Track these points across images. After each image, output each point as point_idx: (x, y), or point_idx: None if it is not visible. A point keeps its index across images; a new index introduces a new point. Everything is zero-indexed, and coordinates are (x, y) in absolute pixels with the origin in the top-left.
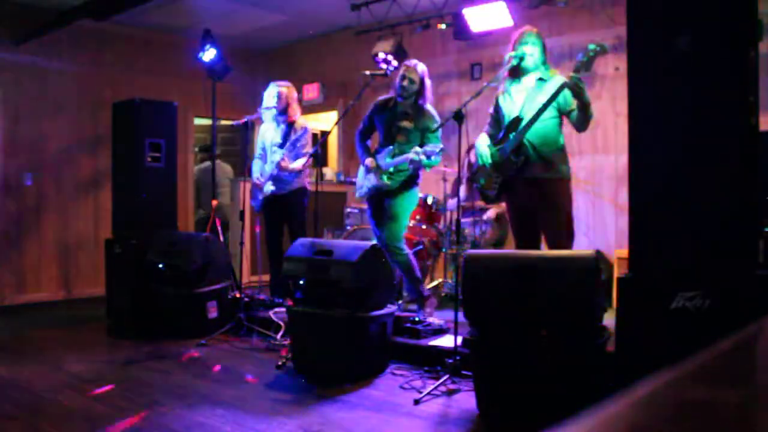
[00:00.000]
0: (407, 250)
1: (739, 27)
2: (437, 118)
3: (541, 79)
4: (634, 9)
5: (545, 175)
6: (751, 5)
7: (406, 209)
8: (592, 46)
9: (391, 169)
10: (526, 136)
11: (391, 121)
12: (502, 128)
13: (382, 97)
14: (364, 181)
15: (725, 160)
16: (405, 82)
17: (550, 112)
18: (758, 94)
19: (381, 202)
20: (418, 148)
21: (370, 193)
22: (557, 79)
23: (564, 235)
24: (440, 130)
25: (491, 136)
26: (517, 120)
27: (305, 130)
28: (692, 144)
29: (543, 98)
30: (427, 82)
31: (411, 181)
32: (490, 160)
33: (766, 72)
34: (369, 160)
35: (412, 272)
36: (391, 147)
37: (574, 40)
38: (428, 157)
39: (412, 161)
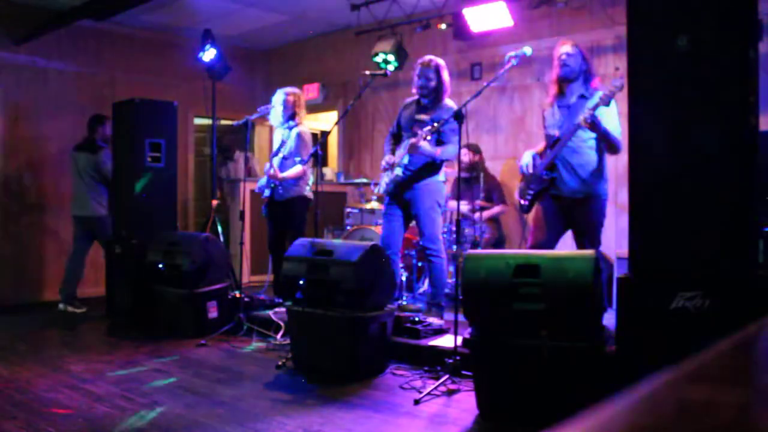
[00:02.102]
0: (443, 255)
1: (739, 27)
2: (453, 107)
3: (582, 96)
4: (634, 9)
5: (577, 194)
6: (751, 5)
7: (431, 205)
8: (617, 83)
9: (405, 160)
10: (561, 155)
11: (411, 116)
12: (547, 142)
13: (408, 98)
14: (385, 177)
15: (725, 160)
16: (422, 80)
17: (587, 132)
18: (758, 94)
19: (401, 199)
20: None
21: (387, 188)
22: (597, 95)
23: (591, 247)
24: (455, 125)
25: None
26: (557, 140)
27: (298, 136)
28: (692, 144)
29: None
30: (445, 75)
31: (428, 174)
32: (528, 171)
33: (766, 72)
34: (387, 157)
35: (442, 279)
36: (407, 140)
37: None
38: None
39: (409, 146)
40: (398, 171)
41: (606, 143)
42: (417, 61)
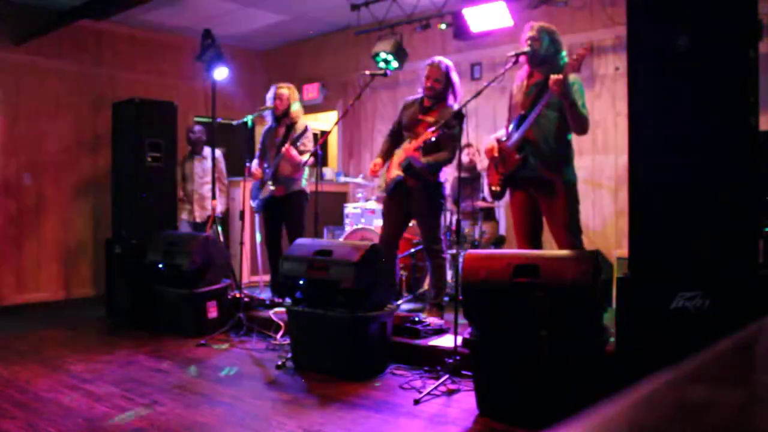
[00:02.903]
0: (445, 255)
1: (739, 27)
2: (454, 108)
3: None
4: (634, 9)
5: (545, 176)
6: (751, 5)
7: (431, 205)
8: (581, 50)
9: (406, 161)
10: (527, 134)
11: (415, 114)
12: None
13: (410, 97)
14: (383, 177)
15: (725, 160)
16: (429, 83)
17: (553, 111)
18: (758, 94)
19: (401, 199)
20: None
21: (388, 188)
22: (563, 62)
23: (568, 235)
24: (455, 130)
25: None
26: (523, 118)
27: (306, 129)
28: (692, 144)
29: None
30: (454, 77)
31: (428, 174)
32: (496, 154)
33: (766, 72)
34: (378, 160)
35: (443, 279)
36: (407, 141)
37: (574, 40)
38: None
39: (404, 152)
40: (399, 171)
41: (572, 115)
42: (426, 61)
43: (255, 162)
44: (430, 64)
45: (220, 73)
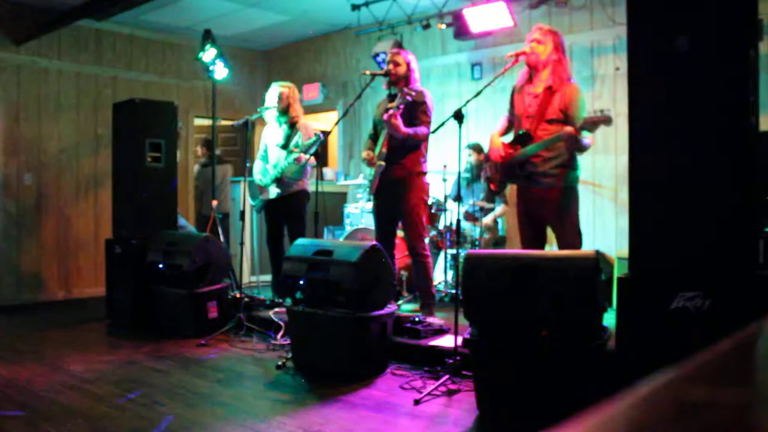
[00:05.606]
0: (428, 252)
1: (739, 27)
2: (424, 90)
3: (550, 87)
4: (634, 9)
5: (550, 185)
6: (751, 5)
7: (416, 201)
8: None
9: (384, 149)
10: (531, 151)
11: (385, 109)
12: (515, 126)
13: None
14: (369, 179)
15: (725, 160)
16: (390, 66)
17: (556, 126)
18: (758, 94)
19: (385, 194)
20: None
21: (371, 186)
22: (567, 91)
23: (572, 240)
24: (426, 106)
25: (507, 129)
26: (526, 136)
27: (305, 128)
28: (692, 144)
29: (551, 111)
30: (414, 66)
31: (411, 167)
32: (502, 153)
33: (766, 72)
34: (364, 153)
35: (430, 278)
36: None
37: (574, 40)
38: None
39: (385, 122)
40: (381, 162)
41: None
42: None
43: (257, 164)
44: (390, 51)
45: (220, 73)
